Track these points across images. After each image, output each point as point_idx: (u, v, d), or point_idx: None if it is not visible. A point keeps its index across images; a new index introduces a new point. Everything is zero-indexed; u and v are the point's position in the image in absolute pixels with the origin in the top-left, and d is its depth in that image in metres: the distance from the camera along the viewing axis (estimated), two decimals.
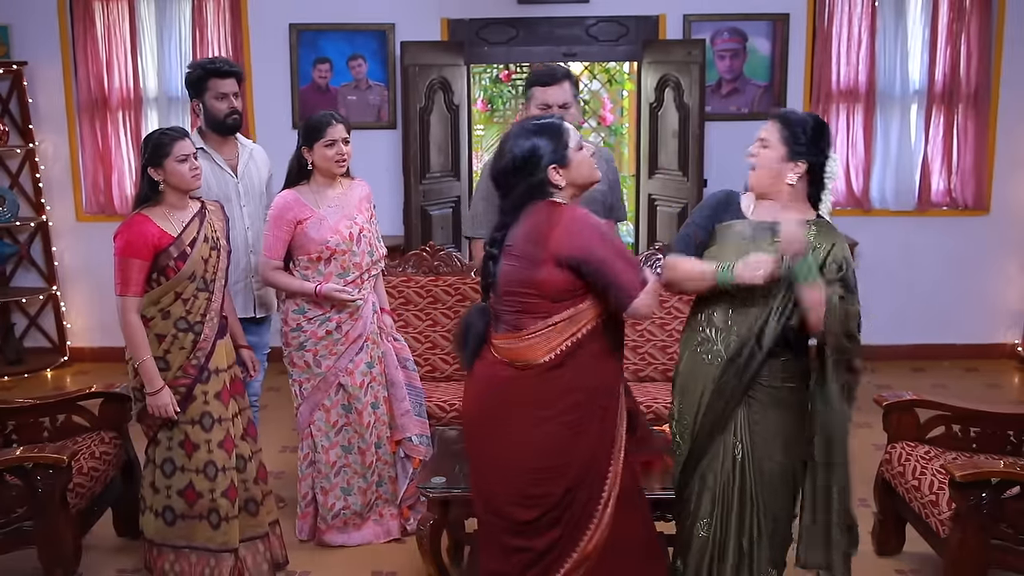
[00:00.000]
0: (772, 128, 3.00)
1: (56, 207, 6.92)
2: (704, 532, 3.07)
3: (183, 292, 3.60)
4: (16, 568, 4.01)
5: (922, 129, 6.67)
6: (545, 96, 3.79)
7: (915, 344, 6.83)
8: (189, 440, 3.66)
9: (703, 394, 3.03)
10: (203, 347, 3.65)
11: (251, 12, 6.64)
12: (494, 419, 2.91)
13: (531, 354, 2.85)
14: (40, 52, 6.71)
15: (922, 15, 6.57)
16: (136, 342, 3.58)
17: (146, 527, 3.78)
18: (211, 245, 3.66)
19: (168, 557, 3.77)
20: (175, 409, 3.61)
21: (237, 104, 4.25)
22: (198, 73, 4.21)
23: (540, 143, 2.84)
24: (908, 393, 4.18)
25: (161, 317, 3.60)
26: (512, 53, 6.94)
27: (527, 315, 2.84)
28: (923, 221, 6.78)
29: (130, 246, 3.52)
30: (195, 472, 3.67)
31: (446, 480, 3.54)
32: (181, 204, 3.64)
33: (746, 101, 6.73)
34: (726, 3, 6.60)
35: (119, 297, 3.56)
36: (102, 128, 6.74)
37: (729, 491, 3.03)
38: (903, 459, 3.93)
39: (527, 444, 2.86)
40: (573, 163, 2.87)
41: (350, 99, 6.74)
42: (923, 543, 3.86)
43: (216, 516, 3.69)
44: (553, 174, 2.85)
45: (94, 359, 6.98)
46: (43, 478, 3.64)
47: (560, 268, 2.77)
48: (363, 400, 4.16)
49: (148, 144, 3.59)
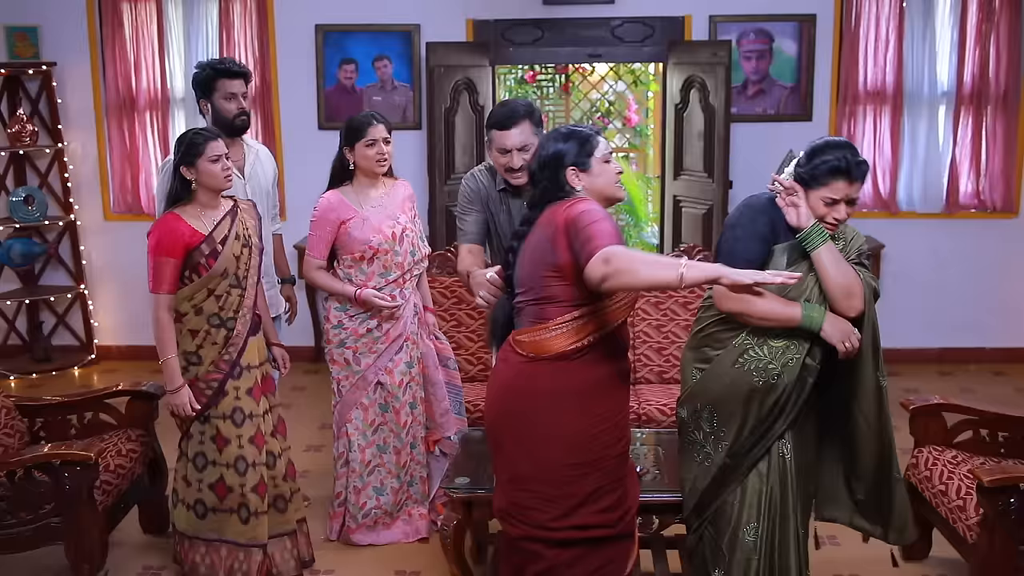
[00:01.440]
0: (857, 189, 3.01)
1: (84, 206, 6.98)
2: (752, 536, 3.07)
3: (216, 288, 3.63)
4: (44, 563, 4.05)
5: (950, 131, 6.61)
6: (503, 141, 3.69)
7: (942, 348, 6.77)
8: (220, 435, 3.69)
9: (750, 410, 3.03)
10: (235, 343, 3.69)
11: (277, 13, 6.68)
12: (520, 414, 2.94)
13: (556, 344, 2.87)
14: (69, 53, 6.77)
15: (951, 16, 6.52)
16: (163, 339, 3.62)
17: (178, 520, 3.82)
18: (243, 242, 3.70)
19: (199, 550, 3.80)
20: (194, 407, 3.64)
21: (245, 104, 4.25)
22: (207, 73, 4.21)
23: (565, 146, 2.96)
24: (935, 397, 4.16)
25: (194, 313, 3.63)
26: (538, 54, 6.94)
27: (552, 304, 2.88)
28: (951, 223, 6.72)
29: (162, 244, 3.57)
30: (226, 466, 3.70)
31: (470, 480, 3.55)
32: (213, 203, 3.68)
33: (772, 102, 6.70)
34: (752, 4, 6.57)
35: (152, 294, 3.61)
36: (129, 128, 6.79)
37: (775, 495, 3.06)
38: (930, 463, 3.90)
39: (557, 437, 2.90)
40: (594, 171, 2.97)
41: (375, 100, 6.75)
42: (950, 548, 3.83)
43: (246, 511, 3.72)
44: (572, 176, 2.95)
45: (121, 357, 7.04)
46: (71, 475, 3.68)
47: (570, 243, 2.81)
48: (401, 399, 4.17)
49: (181, 144, 3.62)
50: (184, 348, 3.65)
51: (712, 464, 3.11)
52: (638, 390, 4.72)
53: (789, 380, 3.00)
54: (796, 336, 2.99)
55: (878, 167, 6.66)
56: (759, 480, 3.07)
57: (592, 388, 2.92)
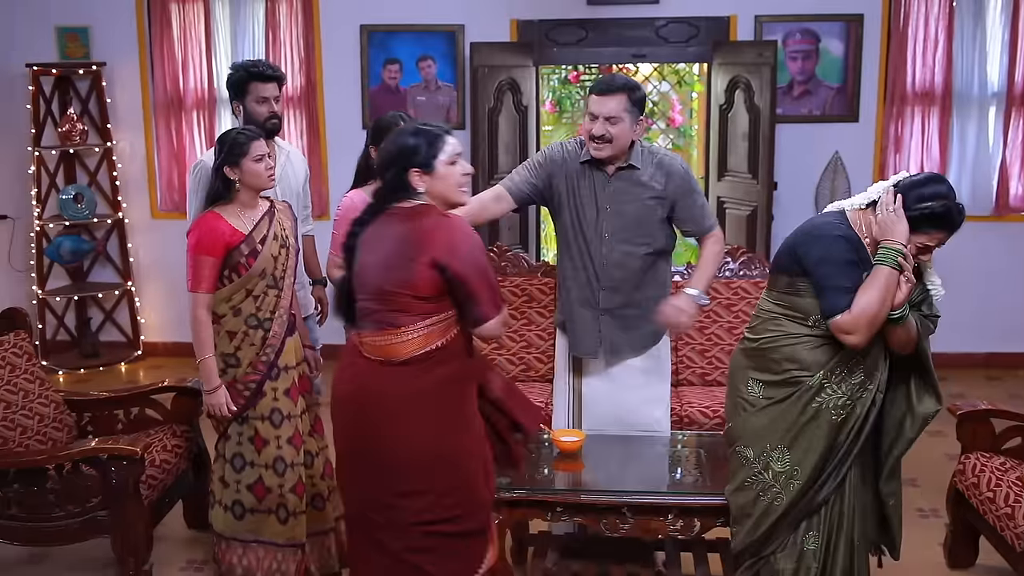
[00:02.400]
0: None
1: (132, 205, 7.08)
2: (812, 545, 3.05)
3: (253, 289, 3.65)
4: (91, 556, 4.12)
5: (1000, 132, 6.52)
6: (595, 106, 3.58)
7: (991, 352, 6.69)
8: (259, 435, 3.70)
9: (827, 447, 2.99)
10: (272, 343, 3.69)
11: (323, 13, 6.73)
12: (369, 417, 2.91)
13: (406, 349, 2.86)
14: (118, 53, 6.87)
15: (1002, 15, 6.42)
16: (201, 339, 3.62)
17: (215, 521, 3.83)
18: (280, 243, 3.71)
19: (236, 551, 3.81)
20: (231, 408, 3.64)
21: (277, 108, 4.24)
22: (240, 75, 4.19)
23: (411, 146, 2.88)
24: (983, 403, 4.10)
25: (232, 314, 3.64)
26: (581, 54, 6.93)
27: (404, 314, 2.85)
28: (1001, 226, 6.61)
29: (202, 243, 3.57)
30: (264, 467, 3.71)
31: (510, 480, 3.54)
32: (252, 203, 3.69)
33: (818, 103, 6.63)
34: (798, 4, 6.52)
35: (191, 293, 3.62)
36: (177, 127, 6.88)
37: (844, 507, 3.05)
38: (977, 470, 3.84)
39: (407, 438, 2.88)
40: (438, 173, 2.89)
41: (419, 100, 6.78)
42: (997, 556, 3.78)
43: (284, 511, 3.73)
44: (415, 176, 2.88)
45: (167, 354, 7.13)
46: (117, 469, 3.72)
47: (433, 269, 2.79)
48: None
49: (225, 143, 3.63)
50: (222, 350, 3.65)
51: (781, 504, 3.04)
52: (680, 392, 4.70)
53: (861, 412, 2.97)
54: (874, 370, 2.96)
55: (926, 169, 6.58)
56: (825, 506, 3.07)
57: (441, 390, 2.88)
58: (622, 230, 3.64)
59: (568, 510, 3.41)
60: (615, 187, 3.64)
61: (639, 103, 3.59)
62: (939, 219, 2.87)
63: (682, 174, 3.67)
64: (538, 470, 3.61)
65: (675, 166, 3.68)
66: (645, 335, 3.74)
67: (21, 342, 4.14)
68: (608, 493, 3.43)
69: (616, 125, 3.54)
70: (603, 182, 3.65)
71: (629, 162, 3.63)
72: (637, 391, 3.79)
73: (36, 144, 6.75)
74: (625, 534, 3.38)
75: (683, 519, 3.35)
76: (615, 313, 3.70)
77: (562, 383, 3.93)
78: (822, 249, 2.94)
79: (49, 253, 6.83)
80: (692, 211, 3.68)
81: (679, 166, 3.69)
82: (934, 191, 2.89)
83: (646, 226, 3.64)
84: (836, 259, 2.91)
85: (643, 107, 3.62)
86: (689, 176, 3.69)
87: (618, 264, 3.65)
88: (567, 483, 3.59)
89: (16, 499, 3.76)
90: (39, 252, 6.86)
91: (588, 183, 3.67)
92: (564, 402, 3.93)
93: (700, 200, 3.73)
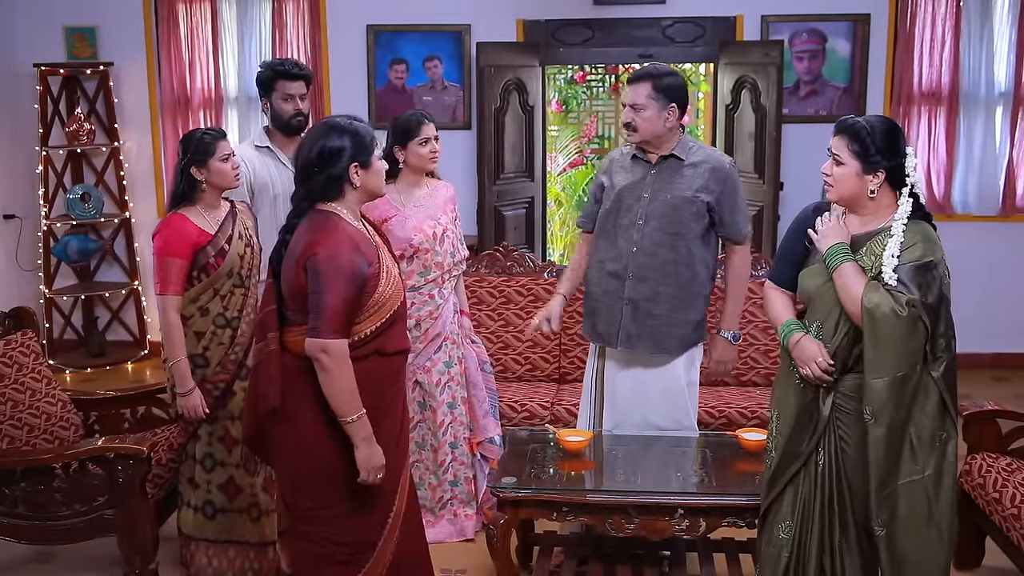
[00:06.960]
0: (840, 143, 2.91)
1: (139, 204, 7.09)
2: (784, 534, 3.04)
3: (221, 289, 3.66)
4: (97, 555, 4.13)
5: (1007, 132, 6.51)
6: (626, 96, 3.75)
7: (997, 353, 6.67)
8: (229, 435, 3.72)
9: (793, 411, 3.02)
10: (241, 342, 3.70)
11: (329, 13, 6.74)
12: (285, 413, 2.92)
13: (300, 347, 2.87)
14: (125, 53, 6.89)
15: (1009, 15, 6.41)
16: (173, 341, 3.62)
17: (184, 522, 3.82)
18: (245, 242, 3.73)
19: (207, 552, 3.82)
20: (204, 410, 3.64)
21: (303, 106, 4.29)
22: (268, 74, 4.26)
23: (348, 142, 2.89)
24: (989, 403, 4.08)
25: (200, 315, 3.65)
26: (588, 54, 6.93)
27: (298, 313, 2.88)
28: (1007, 226, 6.60)
29: (169, 245, 3.56)
30: (235, 467, 3.73)
31: (516, 480, 3.55)
32: (216, 203, 3.70)
33: (824, 103, 6.63)
34: (805, 4, 6.51)
35: (159, 296, 3.60)
36: (184, 127, 6.88)
37: (811, 501, 3.00)
38: (984, 471, 3.84)
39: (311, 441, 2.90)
40: (373, 169, 2.94)
41: (426, 100, 6.79)
42: (1004, 557, 3.77)
43: (256, 510, 3.75)
44: (353, 173, 2.90)
45: None
46: (124, 468, 3.72)
47: (303, 273, 2.81)
48: (439, 399, 4.18)
49: (190, 144, 3.63)
50: (190, 351, 3.64)
51: (771, 461, 3.09)
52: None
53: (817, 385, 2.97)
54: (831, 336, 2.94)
55: (932, 169, 6.58)
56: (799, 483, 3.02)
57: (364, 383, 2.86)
58: (658, 217, 3.71)
59: (574, 510, 3.41)
60: (656, 176, 3.74)
61: (666, 90, 3.66)
62: None
63: (728, 171, 3.74)
64: (544, 469, 3.61)
65: (723, 164, 3.76)
66: (664, 336, 3.76)
67: (28, 341, 4.15)
68: (614, 493, 3.43)
69: (641, 112, 3.66)
70: (645, 170, 3.77)
71: (673, 152, 3.72)
72: (661, 393, 3.84)
73: (43, 144, 6.77)
74: (631, 534, 3.39)
75: (689, 519, 3.36)
76: (639, 305, 3.74)
77: (588, 382, 4.03)
78: None
79: (56, 252, 6.85)
80: (733, 214, 3.75)
81: (726, 164, 3.77)
82: None
83: (681, 218, 3.70)
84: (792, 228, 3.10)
85: (674, 95, 3.67)
86: (734, 176, 3.76)
87: (650, 253, 3.71)
88: (573, 483, 3.60)
89: (23, 498, 3.77)
90: (46, 251, 6.87)
91: (632, 172, 3.80)
92: (588, 401, 4.03)
93: (741, 204, 3.80)
